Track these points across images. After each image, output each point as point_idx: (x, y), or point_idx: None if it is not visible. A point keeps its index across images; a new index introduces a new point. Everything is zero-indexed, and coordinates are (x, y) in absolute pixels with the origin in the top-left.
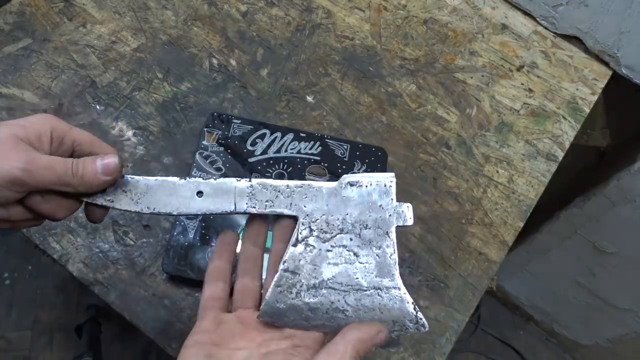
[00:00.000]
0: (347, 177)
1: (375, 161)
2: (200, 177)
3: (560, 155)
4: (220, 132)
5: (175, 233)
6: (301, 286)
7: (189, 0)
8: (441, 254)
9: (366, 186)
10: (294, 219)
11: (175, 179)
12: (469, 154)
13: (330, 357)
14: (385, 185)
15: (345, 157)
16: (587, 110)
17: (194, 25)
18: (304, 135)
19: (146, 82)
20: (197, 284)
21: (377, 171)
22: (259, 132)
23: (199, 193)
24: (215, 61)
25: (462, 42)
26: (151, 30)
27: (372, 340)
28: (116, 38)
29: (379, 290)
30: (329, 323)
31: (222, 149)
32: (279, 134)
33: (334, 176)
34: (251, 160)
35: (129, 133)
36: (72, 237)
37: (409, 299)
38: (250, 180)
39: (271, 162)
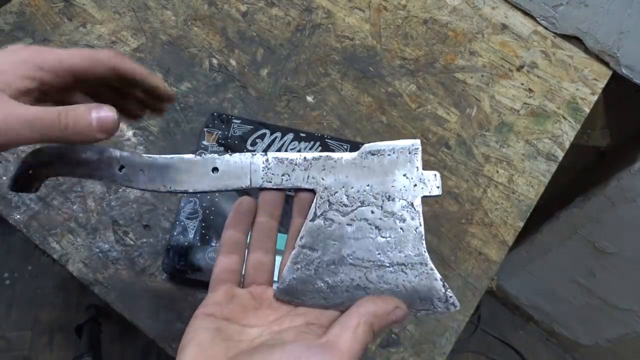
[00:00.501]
0: (368, 146)
1: None
2: (216, 153)
3: (560, 155)
4: (220, 132)
5: (175, 233)
6: (320, 263)
7: (189, 0)
8: (441, 254)
9: (388, 154)
10: (312, 192)
11: (190, 156)
12: (469, 154)
13: (343, 331)
14: (409, 153)
15: None
16: (587, 110)
17: (194, 25)
18: (304, 135)
19: None
20: (197, 284)
21: None
22: (259, 132)
23: (215, 169)
24: (215, 61)
25: (462, 42)
26: (151, 30)
27: (388, 316)
28: (116, 38)
29: (403, 266)
30: (348, 302)
31: (222, 149)
32: (279, 134)
33: None
34: None
35: (129, 133)
36: (72, 237)
37: (437, 275)
38: (265, 155)
39: None
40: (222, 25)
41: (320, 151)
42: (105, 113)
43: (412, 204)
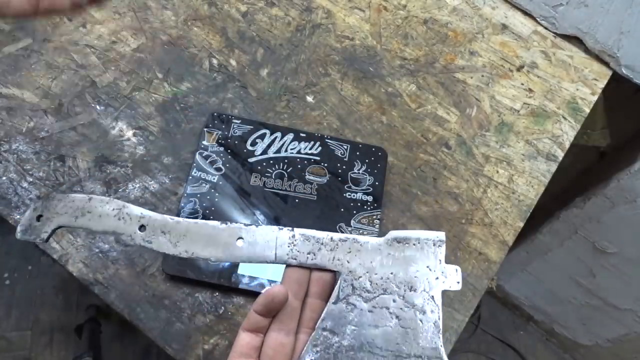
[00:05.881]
0: (395, 233)
1: (375, 161)
2: (242, 222)
3: (560, 155)
4: (220, 132)
5: None
6: (339, 347)
7: (189, 0)
8: None
9: (414, 244)
10: (335, 273)
11: (216, 223)
12: (469, 154)
13: None
14: (434, 245)
15: (345, 157)
16: (587, 110)
17: (194, 25)
18: (304, 135)
19: (146, 82)
20: (197, 284)
21: (377, 171)
22: (259, 132)
23: (239, 239)
24: (215, 61)
25: (462, 42)
26: (151, 30)
27: None
28: (116, 38)
29: (420, 359)
30: None
31: (222, 149)
32: (279, 134)
33: (334, 176)
34: (251, 160)
35: (129, 133)
36: (72, 237)
37: None
38: (292, 230)
39: (271, 162)
40: (222, 25)
41: (320, 151)
42: None
43: (432, 297)
